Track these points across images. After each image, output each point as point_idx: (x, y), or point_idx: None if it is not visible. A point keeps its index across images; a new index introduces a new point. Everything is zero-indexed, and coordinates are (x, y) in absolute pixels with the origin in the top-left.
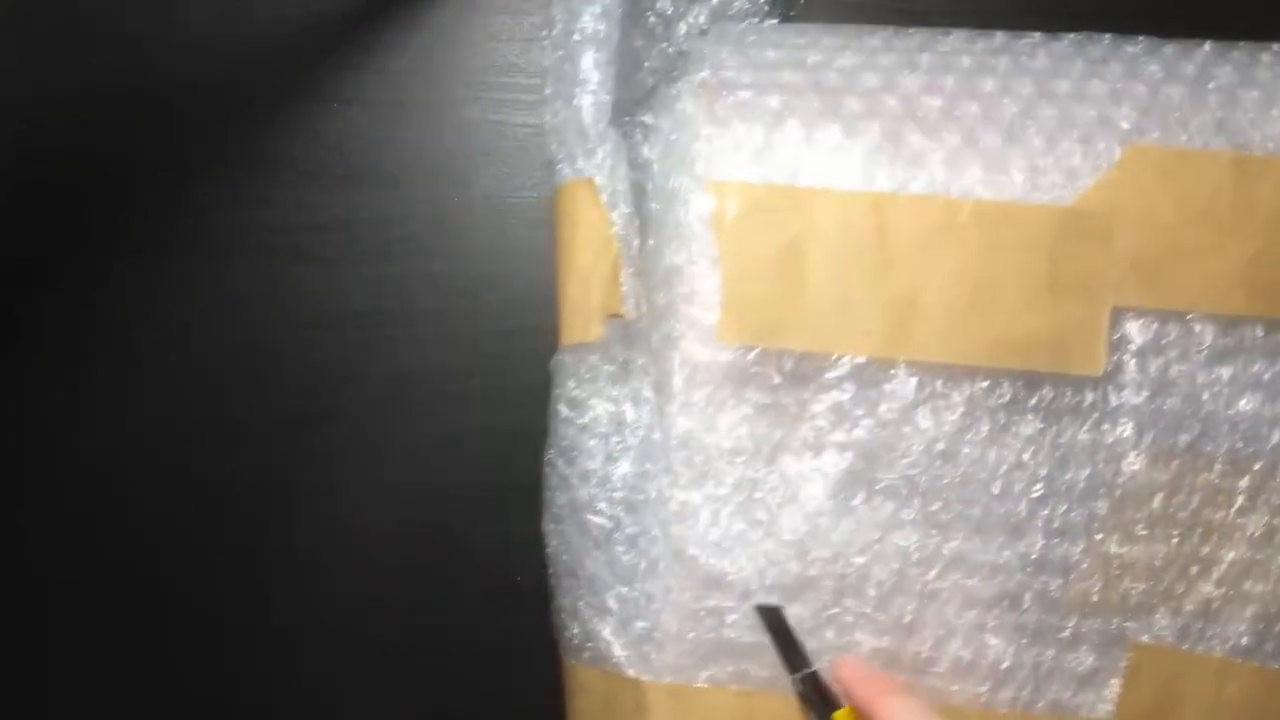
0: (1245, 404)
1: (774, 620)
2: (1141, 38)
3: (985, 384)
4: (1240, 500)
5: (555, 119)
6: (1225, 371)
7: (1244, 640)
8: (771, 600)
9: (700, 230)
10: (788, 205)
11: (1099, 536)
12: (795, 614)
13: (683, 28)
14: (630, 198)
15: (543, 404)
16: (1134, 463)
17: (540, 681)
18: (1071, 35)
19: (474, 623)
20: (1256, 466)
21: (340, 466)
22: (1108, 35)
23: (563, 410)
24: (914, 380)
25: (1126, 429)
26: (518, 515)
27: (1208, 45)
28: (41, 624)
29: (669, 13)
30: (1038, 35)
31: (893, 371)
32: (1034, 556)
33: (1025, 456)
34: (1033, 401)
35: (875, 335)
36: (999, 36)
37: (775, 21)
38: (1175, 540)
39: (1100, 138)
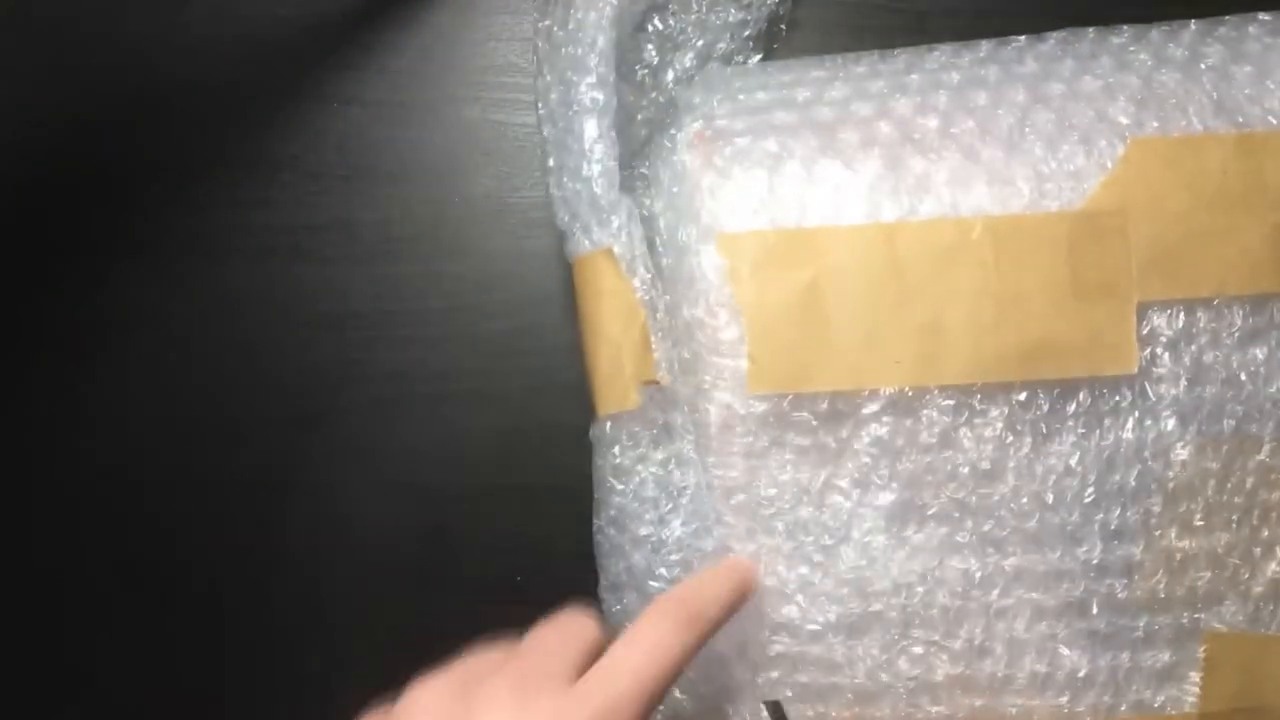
0: None
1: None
2: (1126, 26)
3: (1022, 397)
4: None
5: (563, 191)
6: (1260, 351)
7: None
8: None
9: (715, 280)
10: (801, 248)
11: (1157, 533)
12: (866, 649)
13: (670, 75)
14: (649, 261)
15: (543, 404)
16: (1181, 454)
17: None
18: (1056, 34)
19: (474, 623)
20: None
21: (340, 466)
22: (1092, 29)
23: (609, 480)
24: (950, 404)
25: (1169, 422)
26: (518, 515)
27: (1193, 24)
28: (42, 624)
29: (655, 62)
30: (1023, 39)
31: (928, 397)
32: (1095, 561)
33: (1072, 463)
34: (1071, 408)
35: (905, 365)
36: (984, 45)
37: (759, 58)
38: (1234, 525)
39: (1100, 136)
